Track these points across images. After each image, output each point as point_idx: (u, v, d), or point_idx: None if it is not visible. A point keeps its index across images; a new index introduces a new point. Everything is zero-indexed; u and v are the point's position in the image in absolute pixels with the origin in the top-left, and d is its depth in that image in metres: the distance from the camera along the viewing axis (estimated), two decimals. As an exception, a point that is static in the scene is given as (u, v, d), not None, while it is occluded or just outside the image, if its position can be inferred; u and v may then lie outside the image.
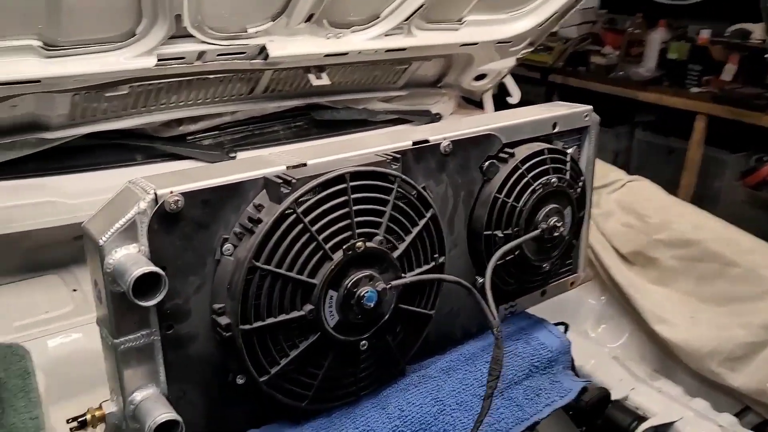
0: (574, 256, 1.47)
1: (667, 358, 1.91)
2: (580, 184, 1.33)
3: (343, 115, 2.02)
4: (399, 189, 1.04)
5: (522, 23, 2.01)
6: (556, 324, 1.51)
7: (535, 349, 1.30)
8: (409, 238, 1.06)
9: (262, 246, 0.92)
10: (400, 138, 1.12)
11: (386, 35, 1.72)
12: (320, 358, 1.02)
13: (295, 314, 0.97)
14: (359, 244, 0.99)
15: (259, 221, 0.93)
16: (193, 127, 1.79)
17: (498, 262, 1.24)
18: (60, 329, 1.57)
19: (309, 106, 1.98)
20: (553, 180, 1.25)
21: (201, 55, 1.48)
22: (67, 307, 1.64)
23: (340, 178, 0.98)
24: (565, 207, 1.30)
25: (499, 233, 1.23)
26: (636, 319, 1.95)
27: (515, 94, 2.25)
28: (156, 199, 0.87)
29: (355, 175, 0.99)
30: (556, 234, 1.26)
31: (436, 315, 1.21)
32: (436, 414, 1.12)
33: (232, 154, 1.77)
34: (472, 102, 2.48)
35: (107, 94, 1.49)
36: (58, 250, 1.74)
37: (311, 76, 1.72)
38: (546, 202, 1.26)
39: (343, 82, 1.91)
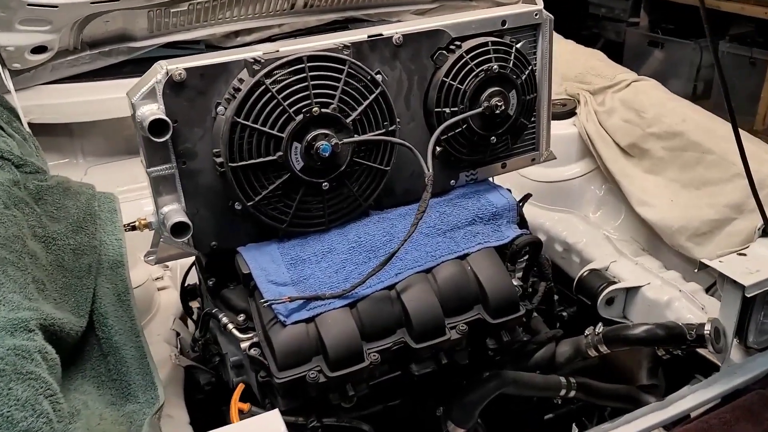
0: (534, 136, 1.75)
1: (655, 239, 2.14)
2: (527, 72, 1.61)
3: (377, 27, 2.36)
4: (349, 70, 1.40)
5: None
6: (524, 197, 1.83)
7: (482, 205, 1.63)
8: (360, 108, 1.43)
9: (241, 106, 1.33)
10: (360, 33, 1.47)
11: (399, -48, 2.02)
12: (292, 192, 1.43)
13: (269, 158, 1.38)
14: (315, 109, 1.37)
15: (239, 90, 1.34)
16: (248, 38, 2.22)
17: (448, 134, 1.58)
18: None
19: (347, 20, 2.34)
20: (494, 67, 1.54)
21: (240, -25, 1.88)
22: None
23: (299, 60, 1.36)
24: (509, 90, 1.59)
25: (447, 110, 1.56)
26: (629, 205, 2.19)
27: (539, 3, 2.45)
28: (167, 72, 1.30)
29: (312, 58, 1.37)
30: (498, 112, 1.56)
31: (399, 174, 1.58)
32: (385, 242, 1.51)
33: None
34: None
35: (173, 10, 1.94)
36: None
37: (337, -9, 2.07)
38: (489, 86, 1.56)
39: (372, -4, 2.25)
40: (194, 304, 1.87)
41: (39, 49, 1.87)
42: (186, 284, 1.80)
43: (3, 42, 1.77)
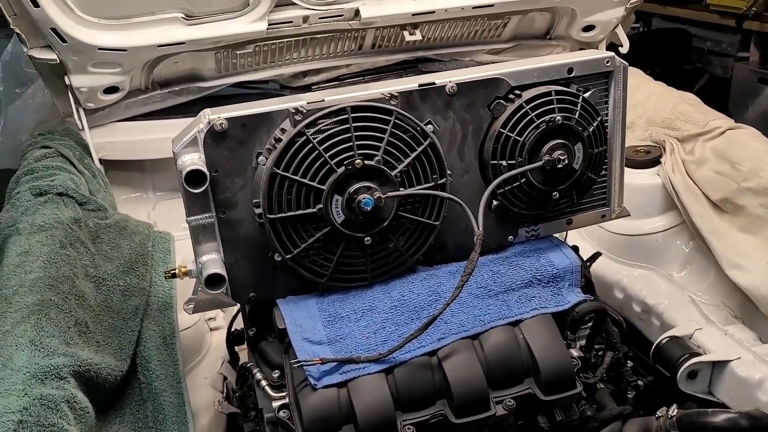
0: (605, 192, 1.61)
1: (750, 306, 1.91)
2: (595, 123, 1.47)
3: (449, 66, 2.28)
4: (396, 121, 1.33)
5: (620, -27, 2.08)
6: (592, 256, 1.68)
7: (541, 265, 1.50)
8: (407, 161, 1.35)
9: (280, 157, 1.29)
10: (411, 81, 1.40)
11: (471, -7, 1.95)
12: (333, 246, 1.37)
13: (309, 210, 1.32)
14: (358, 161, 1.31)
15: (279, 140, 1.30)
16: (315, 78, 2.20)
17: (505, 188, 1.47)
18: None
19: (418, 59, 2.28)
20: (557, 118, 1.42)
21: (306, 18, 1.87)
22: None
23: (342, 110, 1.30)
24: (574, 143, 1.46)
25: (504, 163, 1.45)
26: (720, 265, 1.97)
27: (625, 44, 2.30)
28: (209, 122, 1.28)
29: (356, 108, 1.31)
30: (560, 166, 1.44)
31: (451, 229, 1.48)
32: (430, 302, 1.41)
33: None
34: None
35: (238, 52, 1.95)
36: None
37: (405, 33, 2.02)
38: (551, 138, 1.44)
39: (443, 37, 2.17)
40: (242, 348, 1.83)
41: (111, 90, 1.92)
42: (233, 329, 1.77)
43: (77, 84, 1.84)
